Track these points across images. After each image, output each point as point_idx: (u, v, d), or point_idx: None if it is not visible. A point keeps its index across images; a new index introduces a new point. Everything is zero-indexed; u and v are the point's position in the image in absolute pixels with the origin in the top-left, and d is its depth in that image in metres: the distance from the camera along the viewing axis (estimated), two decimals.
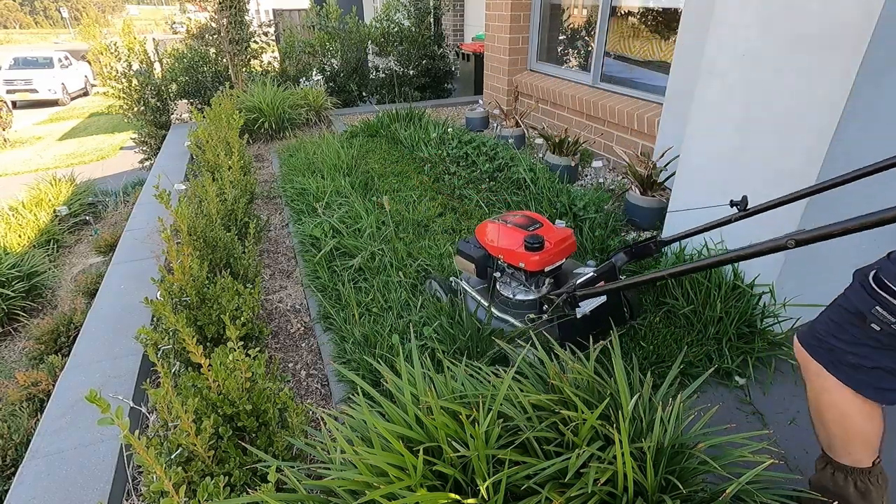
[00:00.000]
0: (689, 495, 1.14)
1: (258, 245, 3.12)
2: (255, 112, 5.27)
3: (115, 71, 5.67)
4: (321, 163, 4.06)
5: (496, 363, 1.84)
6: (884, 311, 0.98)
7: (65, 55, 16.98)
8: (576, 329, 1.76)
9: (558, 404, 1.27)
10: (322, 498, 1.18)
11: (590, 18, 4.42)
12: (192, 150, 4.05)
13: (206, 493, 1.17)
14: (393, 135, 4.75)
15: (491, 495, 1.08)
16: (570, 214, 2.87)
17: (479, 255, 2.03)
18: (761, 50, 1.88)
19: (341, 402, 1.88)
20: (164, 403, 1.33)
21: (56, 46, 24.75)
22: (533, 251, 1.85)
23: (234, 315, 1.94)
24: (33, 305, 3.83)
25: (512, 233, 1.95)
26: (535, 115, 5.05)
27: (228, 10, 5.66)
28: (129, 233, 3.41)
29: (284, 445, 1.44)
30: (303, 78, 6.95)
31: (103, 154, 9.98)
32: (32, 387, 2.51)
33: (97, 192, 6.07)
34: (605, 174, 3.89)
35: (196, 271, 1.98)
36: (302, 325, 2.41)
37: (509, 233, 1.96)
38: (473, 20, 7.64)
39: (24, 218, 4.96)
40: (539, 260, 1.85)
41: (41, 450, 1.74)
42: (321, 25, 7.16)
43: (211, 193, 2.59)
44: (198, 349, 1.39)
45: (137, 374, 2.05)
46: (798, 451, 1.63)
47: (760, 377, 1.91)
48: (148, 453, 1.09)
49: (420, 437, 1.21)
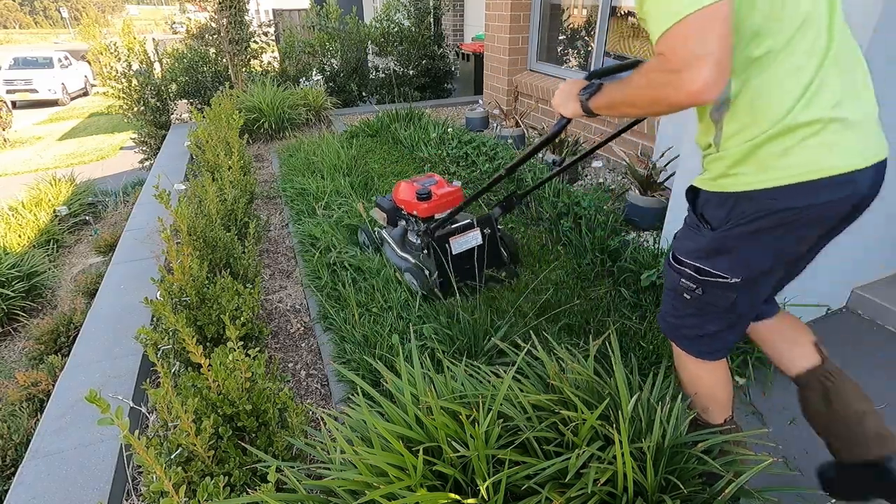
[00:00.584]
0: (689, 495, 1.14)
1: (258, 245, 3.12)
2: (255, 112, 5.27)
3: (115, 71, 5.67)
4: (321, 163, 4.06)
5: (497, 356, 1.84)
6: (687, 281, 1.16)
7: (65, 55, 16.97)
8: (453, 265, 2.25)
9: (558, 404, 1.27)
10: (322, 498, 1.19)
11: (590, 18, 4.42)
12: (192, 150, 4.05)
13: (206, 493, 1.17)
14: (393, 135, 4.75)
15: (491, 495, 1.08)
16: (570, 214, 2.87)
17: (390, 207, 2.56)
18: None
19: (341, 402, 1.88)
20: (164, 403, 1.33)
21: (56, 46, 24.75)
22: (422, 200, 2.33)
23: (233, 315, 1.94)
24: (33, 305, 3.83)
25: (410, 187, 2.41)
26: (535, 115, 5.05)
27: (228, 10, 5.66)
28: (128, 233, 3.41)
29: (284, 445, 1.44)
30: (303, 78, 6.95)
31: (103, 154, 9.98)
32: (32, 387, 2.50)
33: (97, 192, 6.06)
34: (605, 174, 3.89)
35: (196, 271, 1.98)
36: (302, 325, 2.41)
37: (409, 187, 2.41)
38: (473, 20, 7.64)
39: (23, 218, 4.95)
40: (427, 208, 2.34)
41: (41, 450, 1.74)
42: (321, 25, 7.16)
43: (211, 193, 2.59)
44: (198, 349, 1.39)
45: (137, 374, 2.05)
46: (798, 451, 1.63)
47: (760, 377, 1.91)
48: (148, 453, 1.09)
49: (420, 437, 1.21)
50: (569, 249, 2.68)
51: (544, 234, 2.85)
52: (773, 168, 0.99)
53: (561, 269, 2.53)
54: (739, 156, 1.01)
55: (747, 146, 1.00)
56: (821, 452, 1.62)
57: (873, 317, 2.22)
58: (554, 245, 2.75)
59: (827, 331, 2.16)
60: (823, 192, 0.98)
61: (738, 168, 1.02)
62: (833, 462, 1.30)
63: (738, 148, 1.01)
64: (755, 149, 0.99)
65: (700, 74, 0.84)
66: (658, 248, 2.52)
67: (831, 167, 0.97)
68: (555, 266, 2.55)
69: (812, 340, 1.32)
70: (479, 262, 2.35)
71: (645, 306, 2.20)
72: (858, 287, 2.27)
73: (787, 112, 0.95)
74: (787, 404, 1.81)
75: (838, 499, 1.29)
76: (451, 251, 2.27)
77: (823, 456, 1.61)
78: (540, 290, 2.33)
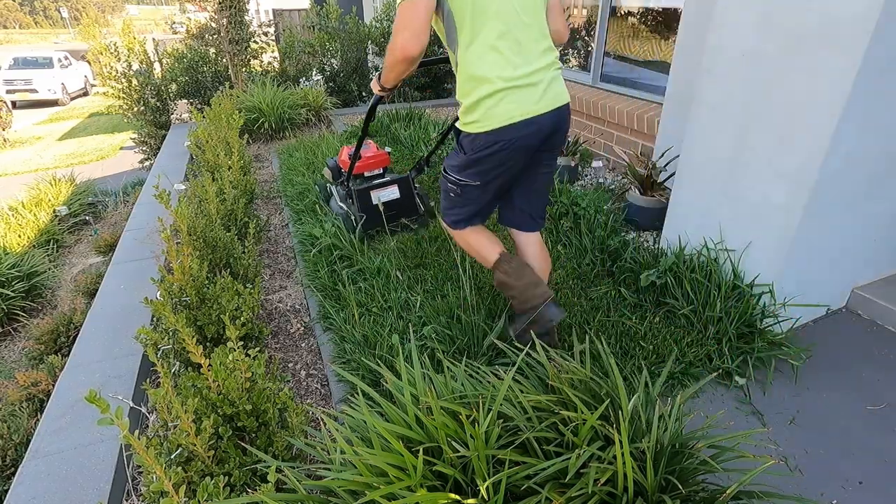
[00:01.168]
0: (689, 495, 1.14)
1: (258, 245, 3.12)
2: (255, 112, 5.27)
3: (115, 71, 5.66)
4: (321, 163, 4.06)
5: (496, 357, 1.84)
6: (450, 184, 1.79)
7: (65, 55, 16.96)
8: (375, 214, 2.84)
9: (558, 404, 1.27)
10: (322, 498, 1.18)
11: (590, 18, 4.42)
12: (192, 150, 4.05)
13: (206, 493, 1.17)
14: (393, 135, 4.75)
15: (491, 495, 1.08)
16: (570, 214, 2.87)
17: (333, 165, 3.23)
18: (761, 50, 1.88)
19: (341, 403, 1.87)
20: (163, 403, 1.33)
21: (56, 46, 24.74)
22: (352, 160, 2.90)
23: (233, 315, 1.94)
24: (33, 305, 3.83)
25: (347, 150, 3.05)
26: None
27: (228, 10, 5.66)
28: (128, 233, 3.41)
29: (284, 445, 1.44)
30: (303, 78, 6.94)
31: (103, 154, 9.97)
32: (32, 387, 2.50)
33: (97, 192, 6.06)
34: (605, 174, 3.89)
35: (196, 271, 1.98)
36: (302, 325, 2.41)
37: (347, 150, 3.07)
38: None
39: (23, 218, 4.95)
40: (357, 166, 2.99)
41: (41, 450, 1.74)
42: (321, 25, 7.15)
43: (211, 193, 2.59)
44: (198, 349, 1.39)
45: (137, 374, 2.05)
46: (798, 451, 1.63)
47: (760, 377, 1.91)
48: (148, 453, 1.09)
49: (420, 437, 1.21)
50: (569, 249, 2.68)
51: (544, 234, 2.85)
52: (488, 118, 1.56)
53: (561, 269, 2.53)
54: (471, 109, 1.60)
55: (470, 102, 1.58)
56: (821, 452, 1.63)
57: (873, 317, 2.22)
58: (554, 245, 2.75)
59: (827, 331, 2.16)
60: (516, 130, 1.57)
61: (471, 117, 1.60)
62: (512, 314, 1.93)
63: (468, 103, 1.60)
64: (476, 105, 1.57)
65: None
66: (658, 247, 2.52)
67: (519, 115, 1.56)
68: (555, 266, 2.55)
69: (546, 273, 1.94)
70: (394, 211, 3.00)
71: (645, 306, 2.21)
72: (858, 287, 2.27)
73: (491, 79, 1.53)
74: (787, 404, 1.81)
75: (517, 341, 1.81)
76: (374, 201, 2.91)
77: (823, 456, 1.62)
78: None
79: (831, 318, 2.24)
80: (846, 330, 2.17)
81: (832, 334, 2.14)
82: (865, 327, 2.18)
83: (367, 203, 2.91)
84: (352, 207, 2.95)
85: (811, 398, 1.83)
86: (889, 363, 1.97)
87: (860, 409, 1.78)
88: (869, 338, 2.12)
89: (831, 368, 1.96)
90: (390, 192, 3.00)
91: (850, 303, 2.29)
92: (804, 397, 1.84)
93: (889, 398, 1.81)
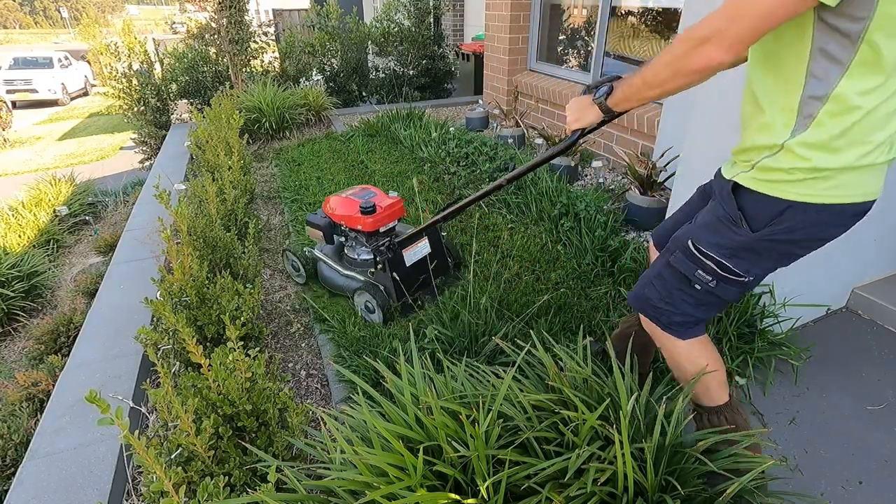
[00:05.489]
0: (690, 495, 1.14)
1: (258, 245, 3.11)
2: (255, 112, 5.26)
3: (116, 71, 5.67)
4: (321, 163, 4.06)
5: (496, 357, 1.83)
6: (705, 273, 1.18)
7: (65, 55, 16.95)
8: (407, 277, 2.20)
9: (558, 404, 1.27)
10: (322, 498, 1.18)
11: (590, 18, 4.42)
12: (192, 150, 4.05)
13: (206, 493, 1.17)
14: (393, 135, 4.75)
15: (491, 495, 1.08)
16: (570, 214, 2.87)
17: (325, 224, 2.44)
18: None
19: (341, 402, 1.87)
20: (164, 403, 1.33)
21: (56, 46, 24.75)
22: (366, 214, 2.24)
23: (233, 315, 1.94)
24: (33, 305, 3.82)
25: (350, 201, 2.33)
26: (535, 114, 5.04)
27: (228, 9, 5.66)
28: (129, 233, 3.41)
29: (284, 445, 1.44)
30: (303, 78, 6.94)
31: (103, 154, 9.97)
32: (32, 387, 2.50)
33: (97, 192, 6.06)
34: (605, 174, 3.89)
35: (196, 271, 1.98)
36: (302, 325, 2.40)
37: (348, 202, 2.34)
38: (473, 20, 7.64)
39: (23, 218, 4.95)
40: (373, 221, 2.26)
41: (41, 450, 1.74)
42: (321, 25, 7.15)
43: (211, 193, 2.59)
44: (198, 349, 1.39)
45: (137, 374, 2.05)
46: (798, 451, 1.63)
47: (760, 377, 1.91)
48: (148, 453, 1.09)
49: (420, 437, 1.21)
50: (569, 249, 2.68)
51: (544, 234, 2.85)
52: (841, 187, 0.99)
53: (561, 269, 2.53)
54: (822, 169, 0.97)
55: (837, 165, 0.97)
56: (821, 452, 1.63)
57: (873, 317, 2.21)
58: (554, 245, 2.75)
59: (827, 331, 2.16)
60: (855, 216, 1.04)
61: (809, 178, 0.99)
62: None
63: (824, 162, 0.97)
64: (841, 170, 0.97)
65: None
66: None
67: (873, 192, 1.02)
68: (555, 266, 2.55)
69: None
70: (425, 271, 2.31)
71: None
72: (858, 287, 2.26)
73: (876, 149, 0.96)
74: (787, 404, 1.81)
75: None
76: (405, 263, 2.24)
77: (823, 456, 1.62)
78: (540, 291, 2.33)
79: (831, 318, 2.24)
80: (846, 330, 2.17)
81: (832, 334, 2.14)
82: (865, 327, 2.18)
83: (400, 266, 2.23)
84: (381, 277, 2.25)
85: (811, 398, 1.83)
86: (889, 363, 1.97)
87: (860, 409, 1.78)
88: (869, 338, 2.12)
89: (831, 368, 1.96)
90: (422, 247, 2.33)
91: (850, 303, 2.29)
92: (804, 397, 1.84)
93: (889, 398, 1.81)
